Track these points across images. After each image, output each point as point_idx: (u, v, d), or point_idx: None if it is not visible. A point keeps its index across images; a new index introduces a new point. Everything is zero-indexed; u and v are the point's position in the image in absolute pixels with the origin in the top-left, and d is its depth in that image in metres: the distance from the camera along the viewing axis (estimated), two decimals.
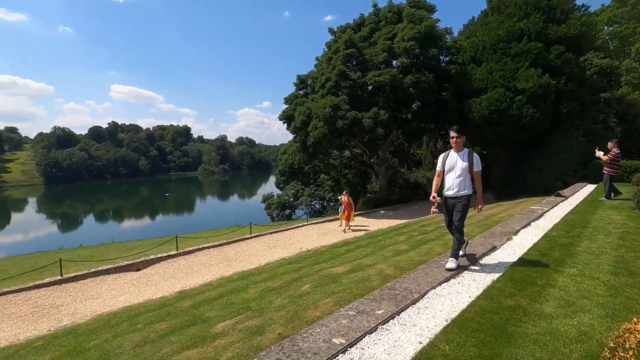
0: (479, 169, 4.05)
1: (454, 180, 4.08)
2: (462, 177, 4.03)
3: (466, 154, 4.08)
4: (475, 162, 4.03)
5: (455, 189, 4.07)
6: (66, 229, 40.49)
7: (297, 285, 4.80)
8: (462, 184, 4.04)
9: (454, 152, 4.15)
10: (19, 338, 5.13)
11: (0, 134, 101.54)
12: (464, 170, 4.02)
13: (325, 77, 17.95)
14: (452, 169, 4.10)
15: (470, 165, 4.01)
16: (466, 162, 4.03)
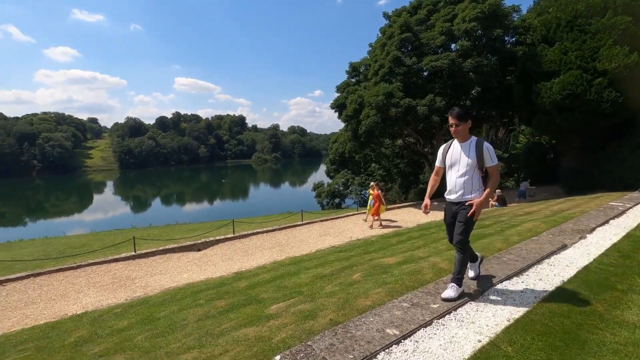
0: (494, 164, 2.98)
1: (456, 181, 3.07)
2: (467, 176, 3.01)
3: (473, 144, 3.02)
4: (487, 154, 2.97)
5: (458, 192, 3.06)
6: (137, 210, 44.84)
7: (347, 273, 4.83)
8: (468, 186, 3.02)
9: (457, 142, 3.12)
10: (102, 304, 5.83)
11: (84, 124, 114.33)
12: (471, 166, 2.99)
13: (378, 64, 17.49)
14: (454, 165, 3.10)
15: (479, 159, 2.97)
16: (473, 155, 2.97)
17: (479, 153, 2.97)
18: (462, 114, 3.00)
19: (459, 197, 3.06)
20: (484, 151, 2.96)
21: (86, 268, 7.85)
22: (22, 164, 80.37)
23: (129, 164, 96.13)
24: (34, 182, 73.28)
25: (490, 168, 3.00)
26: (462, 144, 3.07)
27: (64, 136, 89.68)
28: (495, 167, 3.00)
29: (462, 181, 3.04)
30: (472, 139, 3.06)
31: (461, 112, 3.00)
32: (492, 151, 3.01)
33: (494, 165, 2.99)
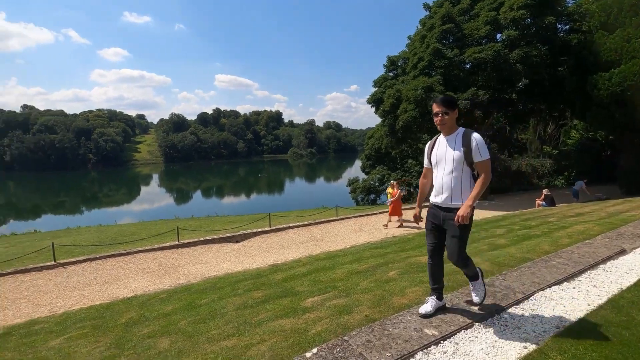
0: (483, 158, 2.49)
1: (442, 181, 2.61)
2: (454, 175, 2.55)
3: (460, 136, 2.56)
4: (475, 146, 2.49)
5: (444, 194, 2.60)
6: (180, 202, 47.20)
7: (383, 270, 4.78)
8: (457, 187, 2.54)
9: (442, 136, 2.69)
10: (149, 289, 6.22)
11: (133, 120, 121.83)
12: (458, 162, 2.53)
13: (417, 57, 16.97)
14: (439, 162, 2.66)
15: (467, 154, 2.50)
16: (460, 149, 2.52)
17: (466, 146, 2.51)
18: (449, 100, 2.58)
19: (445, 201, 2.59)
20: (472, 143, 2.49)
21: (135, 255, 8.41)
22: (80, 157, 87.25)
23: (173, 158, 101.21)
24: (89, 174, 79.40)
25: (479, 164, 2.50)
26: (448, 137, 2.62)
27: (115, 131, 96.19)
28: (486, 162, 2.49)
29: (449, 181, 2.57)
30: (459, 130, 2.61)
31: (448, 99, 2.59)
32: (482, 143, 2.52)
33: (484, 161, 2.48)
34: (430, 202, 2.77)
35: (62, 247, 8.44)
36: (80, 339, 3.73)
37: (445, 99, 2.57)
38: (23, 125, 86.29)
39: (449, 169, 2.58)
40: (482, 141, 2.54)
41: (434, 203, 2.71)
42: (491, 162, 2.61)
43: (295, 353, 2.46)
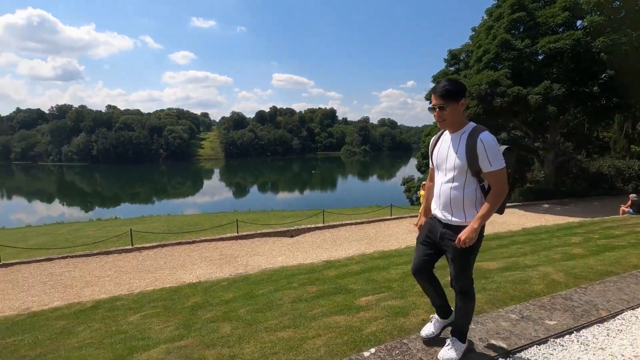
0: (495, 168, 1.91)
1: (440, 190, 2.10)
2: (455, 184, 2.01)
3: (465, 136, 1.99)
4: (482, 151, 1.90)
5: (442, 207, 2.09)
6: (238, 196, 49.75)
7: (442, 274, 4.57)
8: (457, 201, 2.02)
9: (447, 133, 2.13)
10: (211, 276, 6.65)
11: (198, 118, 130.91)
12: (459, 170, 1.99)
13: (482, 50, 15.91)
14: (440, 165, 2.12)
15: (471, 160, 1.94)
16: (462, 153, 1.97)
17: (470, 150, 1.92)
18: (450, 90, 1.98)
19: (445, 216, 2.07)
20: (477, 147, 1.89)
21: (199, 244, 9.06)
22: (152, 152, 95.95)
23: (232, 154, 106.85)
24: (160, 168, 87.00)
25: (489, 174, 1.92)
26: (453, 135, 2.06)
27: (182, 129, 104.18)
28: (498, 173, 1.90)
29: (447, 193, 2.04)
30: (467, 127, 2.01)
31: (449, 88, 1.98)
32: (493, 146, 1.90)
33: (495, 171, 1.90)
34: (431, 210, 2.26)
35: (137, 233, 9.39)
36: (153, 317, 4.12)
37: (444, 89, 1.98)
38: (107, 123, 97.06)
39: (449, 177, 2.03)
40: (494, 144, 1.91)
41: (433, 213, 2.20)
42: (566, 161, 2.23)
43: (351, 350, 2.46)
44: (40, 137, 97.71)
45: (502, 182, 1.94)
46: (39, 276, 7.10)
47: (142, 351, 2.95)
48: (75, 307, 4.90)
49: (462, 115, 2.03)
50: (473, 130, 1.99)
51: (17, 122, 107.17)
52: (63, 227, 15.10)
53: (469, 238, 1.91)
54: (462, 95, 2.00)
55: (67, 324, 4.17)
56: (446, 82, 2.02)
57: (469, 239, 1.91)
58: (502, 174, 1.93)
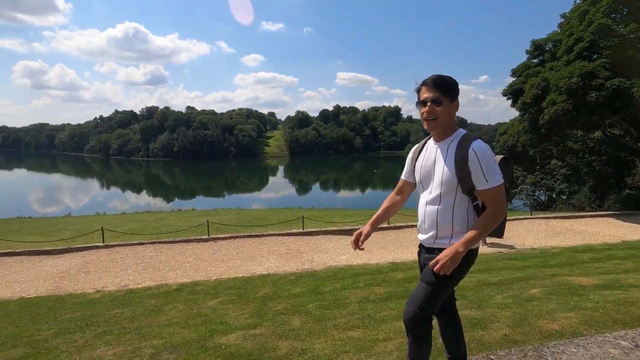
0: (493, 185, 1.55)
1: (425, 210, 1.71)
2: (443, 205, 1.64)
3: (454, 144, 1.63)
4: (475, 164, 1.55)
5: (427, 229, 1.70)
6: (301, 192, 51.16)
7: (522, 286, 4.21)
8: (445, 221, 1.64)
9: (432, 142, 1.75)
10: (279, 270, 6.95)
11: (265, 117, 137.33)
12: (448, 186, 1.61)
13: (574, 38, 14.15)
14: (424, 180, 1.74)
15: (463, 175, 1.57)
16: (451, 165, 1.60)
17: (460, 163, 1.57)
18: (448, 82, 1.63)
19: (429, 239, 1.70)
20: (469, 160, 1.54)
21: (267, 237, 9.51)
22: (224, 149, 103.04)
23: (296, 152, 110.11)
24: (230, 164, 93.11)
25: (484, 192, 1.56)
26: (440, 144, 1.68)
27: (251, 127, 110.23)
28: (495, 191, 1.55)
29: (434, 213, 1.66)
30: (455, 136, 1.65)
31: (446, 80, 1.64)
32: (489, 159, 1.54)
33: (492, 189, 1.54)
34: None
35: (212, 225, 10.18)
36: (229, 304, 4.43)
37: (440, 79, 1.63)
38: (186, 123, 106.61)
39: (434, 196, 1.65)
40: (489, 155, 1.55)
41: (420, 240, 1.81)
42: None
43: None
44: (132, 135, 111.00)
45: (501, 202, 1.56)
46: (133, 258, 8.09)
47: (221, 335, 3.18)
48: (162, 288, 5.49)
49: (453, 119, 1.67)
50: (463, 138, 1.60)
51: (115, 122, 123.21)
52: (150, 216, 16.99)
53: (448, 263, 1.49)
54: (458, 95, 1.66)
55: (157, 303, 4.68)
56: (447, 76, 1.66)
57: (448, 263, 1.49)
58: (501, 191, 1.56)
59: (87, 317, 4.13)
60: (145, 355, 2.81)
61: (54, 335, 3.55)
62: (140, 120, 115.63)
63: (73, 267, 7.67)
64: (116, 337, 3.31)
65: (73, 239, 10.19)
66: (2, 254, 8.61)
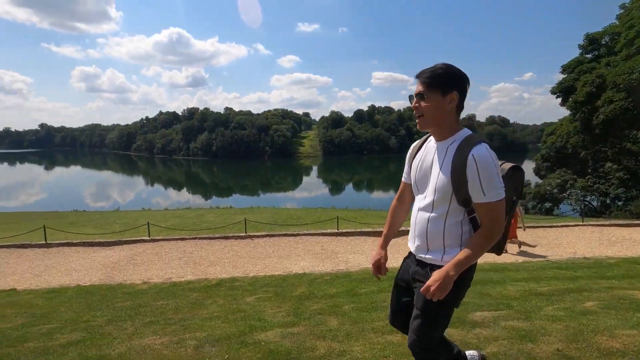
0: (494, 199, 1.35)
1: (416, 217, 1.57)
2: (435, 213, 1.48)
3: (454, 148, 1.42)
4: (473, 173, 1.34)
5: (416, 238, 1.57)
6: (334, 193, 51.19)
7: (574, 298, 3.93)
8: (436, 233, 1.48)
9: (433, 140, 1.57)
10: (314, 269, 6.98)
11: (300, 118, 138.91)
12: (442, 193, 1.44)
13: (635, 31, 13.02)
14: (419, 182, 1.58)
15: (459, 183, 1.38)
16: (447, 171, 1.41)
17: (457, 170, 1.39)
18: (439, 74, 1.43)
19: (419, 250, 1.56)
20: (467, 167, 1.35)
21: (302, 237, 9.61)
22: (259, 149, 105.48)
23: (330, 152, 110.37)
24: (265, 164, 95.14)
25: (480, 207, 1.39)
26: (439, 145, 1.51)
27: (286, 128, 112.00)
28: (494, 207, 1.37)
29: (424, 222, 1.51)
30: (457, 137, 1.46)
31: (438, 72, 1.44)
32: (490, 169, 1.34)
33: (491, 204, 1.36)
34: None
35: (249, 223, 10.45)
36: (266, 301, 4.51)
37: (430, 72, 1.44)
38: (224, 123, 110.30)
39: (427, 202, 1.49)
40: (491, 164, 1.35)
41: (409, 246, 1.68)
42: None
43: None
44: (174, 135, 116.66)
45: (498, 220, 1.37)
46: (176, 252, 8.50)
47: (260, 331, 3.25)
48: (203, 283, 5.71)
49: (451, 117, 1.44)
50: (465, 141, 1.39)
51: (159, 122, 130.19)
52: (190, 212, 17.76)
53: (440, 289, 1.35)
54: (455, 87, 1.41)
55: (198, 296, 4.88)
56: (440, 65, 1.45)
57: (440, 289, 1.35)
58: (499, 208, 1.36)
59: (135, 306, 4.39)
60: (189, 346, 2.94)
61: (107, 322, 3.80)
62: (182, 120, 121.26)
63: (122, 258, 8.19)
64: (162, 327, 3.48)
65: (122, 232, 10.88)
66: (62, 244, 9.39)
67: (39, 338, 3.34)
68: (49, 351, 2.98)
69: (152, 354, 2.84)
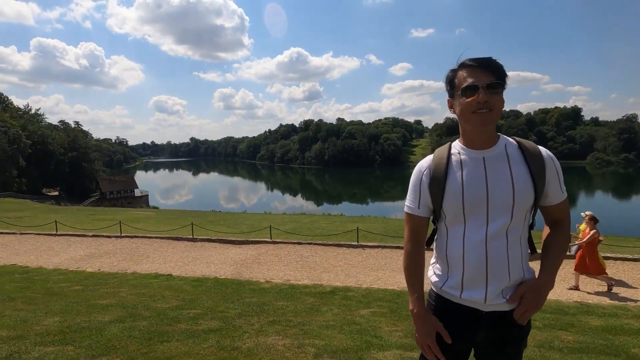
0: (566, 194, 1.22)
1: (488, 251, 1.14)
2: (511, 236, 1.15)
3: (515, 152, 1.19)
4: (554, 172, 1.18)
5: (491, 281, 1.15)
6: None
7: None
8: (517, 262, 1.17)
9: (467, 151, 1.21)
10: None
11: (411, 126, 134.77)
12: (522, 205, 1.14)
13: None
14: (476, 204, 1.15)
15: (540, 189, 1.16)
16: (526, 179, 1.15)
17: (536, 173, 1.17)
18: (501, 66, 1.19)
19: (496, 297, 1.18)
20: (547, 167, 1.18)
21: None
22: (369, 158, 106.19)
23: None
24: (374, 172, 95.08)
25: (557, 206, 1.23)
26: (489, 152, 1.20)
27: (396, 136, 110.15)
28: (567, 202, 1.25)
29: (503, 251, 1.16)
30: (502, 140, 1.23)
31: (498, 63, 1.20)
32: (554, 163, 1.20)
33: (565, 200, 1.24)
34: (441, 293, 1.30)
35: (360, 232, 10.44)
36: (381, 316, 4.36)
37: (498, 64, 1.20)
38: (336, 133, 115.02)
39: (500, 226, 1.16)
40: (552, 158, 1.23)
41: (460, 297, 1.23)
42: None
43: None
44: (292, 145, 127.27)
45: (568, 217, 1.29)
46: (294, 255, 9.06)
47: (377, 350, 3.12)
48: (318, 288, 5.89)
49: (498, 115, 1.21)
50: (519, 143, 1.23)
51: (279, 134, 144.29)
52: (305, 218, 18.86)
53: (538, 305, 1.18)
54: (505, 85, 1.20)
55: (314, 302, 5.03)
56: (493, 59, 1.22)
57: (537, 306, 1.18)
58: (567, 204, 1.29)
59: (260, 304, 4.78)
60: (309, 353, 3.01)
61: (238, 315, 4.23)
62: (299, 132, 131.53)
63: (249, 257, 9.16)
64: (284, 328, 3.68)
65: (248, 233, 12.22)
66: (204, 240, 11.08)
67: (188, 321, 3.91)
68: (195, 334, 3.44)
69: (276, 354, 3.00)
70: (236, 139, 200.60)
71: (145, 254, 9.56)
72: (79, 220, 15.96)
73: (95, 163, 61.75)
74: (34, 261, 8.74)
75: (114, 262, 8.68)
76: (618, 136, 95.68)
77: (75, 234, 12.13)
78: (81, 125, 74.17)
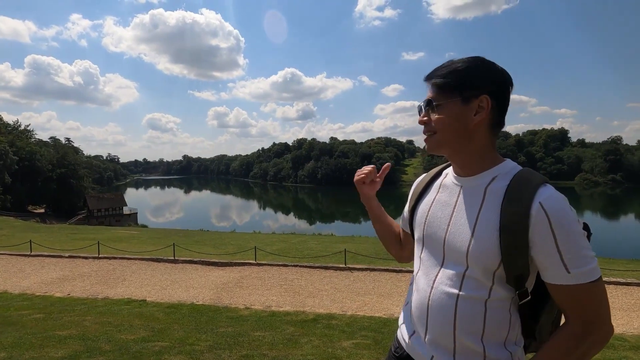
0: (592, 278, 0.69)
1: (431, 294, 0.84)
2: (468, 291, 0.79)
3: (498, 190, 0.79)
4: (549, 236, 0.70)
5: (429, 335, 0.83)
6: None
7: None
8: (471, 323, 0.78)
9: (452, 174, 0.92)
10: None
11: (403, 145, 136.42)
12: (480, 264, 0.77)
13: None
14: (431, 239, 0.88)
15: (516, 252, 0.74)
16: (493, 232, 0.76)
17: (509, 226, 0.77)
18: (460, 73, 0.85)
19: (428, 350, 0.86)
20: (532, 223, 0.76)
21: (406, 274, 8.79)
22: None
23: None
24: None
25: (561, 291, 0.75)
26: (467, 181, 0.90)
27: (389, 156, 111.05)
28: (592, 289, 0.72)
29: (451, 302, 0.83)
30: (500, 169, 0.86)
31: (459, 68, 0.86)
32: (574, 227, 0.72)
33: (587, 285, 0.73)
34: (400, 340, 1.01)
35: (349, 253, 10.13)
36: (364, 349, 4.04)
37: (448, 71, 0.89)
38: (329, 152, 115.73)
39: (451, 274, 0.86)
40: (572, 218, 0.76)
41: (406, 343, 0.96)
42: None
43: None
44: (285, 164, 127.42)
45: (602, 313, 0.77)
46: (277, 279, 8.70)
47: None
48: (300, 316, 5.54)
49: (480, 135, 0.88)
50: (518, 179, 0.83)
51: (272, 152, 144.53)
52: (295, 238, 18.45)
53: None
54: (484, 88, 0.86)
55: (294, 332, 4.69)
56: (462, 59, 0.91)
57: None
58: (600, 291, 0.77)
59: (235, 334, 4.42)
60: None
61: (208, 348, 3.87)
62: (292, 150, 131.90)
63: (231, 280, 8.75)
64: None
65: (234, 254, 11.80)
66: (186, 262, 10.63)
67: (150, 357, 3.55)
68: None
69: None
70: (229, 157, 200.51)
71: (122, 277, 9.09)
72: (58, 239, 15.36)
73: (84, 180, 60.67)
74: (1, 285, 8.22)
75: (86, 286, 8.21)
76: (604, 157, 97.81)
77: (51, 254, 11.59)
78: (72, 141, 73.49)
